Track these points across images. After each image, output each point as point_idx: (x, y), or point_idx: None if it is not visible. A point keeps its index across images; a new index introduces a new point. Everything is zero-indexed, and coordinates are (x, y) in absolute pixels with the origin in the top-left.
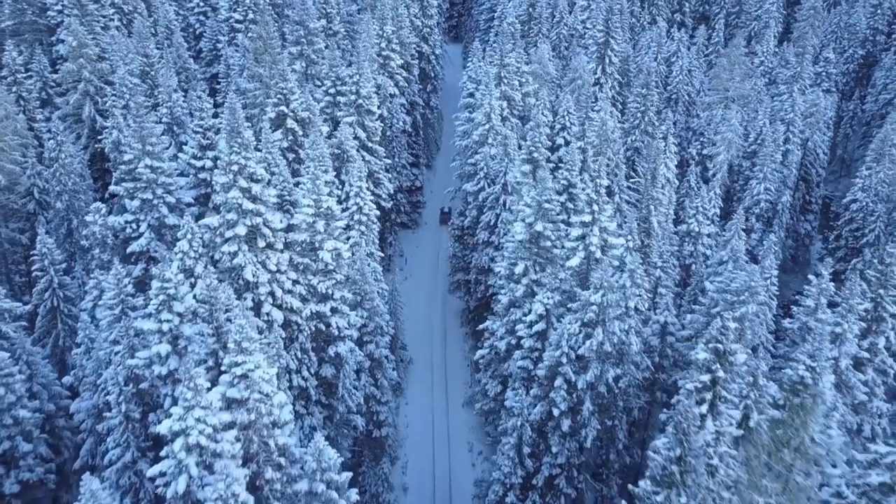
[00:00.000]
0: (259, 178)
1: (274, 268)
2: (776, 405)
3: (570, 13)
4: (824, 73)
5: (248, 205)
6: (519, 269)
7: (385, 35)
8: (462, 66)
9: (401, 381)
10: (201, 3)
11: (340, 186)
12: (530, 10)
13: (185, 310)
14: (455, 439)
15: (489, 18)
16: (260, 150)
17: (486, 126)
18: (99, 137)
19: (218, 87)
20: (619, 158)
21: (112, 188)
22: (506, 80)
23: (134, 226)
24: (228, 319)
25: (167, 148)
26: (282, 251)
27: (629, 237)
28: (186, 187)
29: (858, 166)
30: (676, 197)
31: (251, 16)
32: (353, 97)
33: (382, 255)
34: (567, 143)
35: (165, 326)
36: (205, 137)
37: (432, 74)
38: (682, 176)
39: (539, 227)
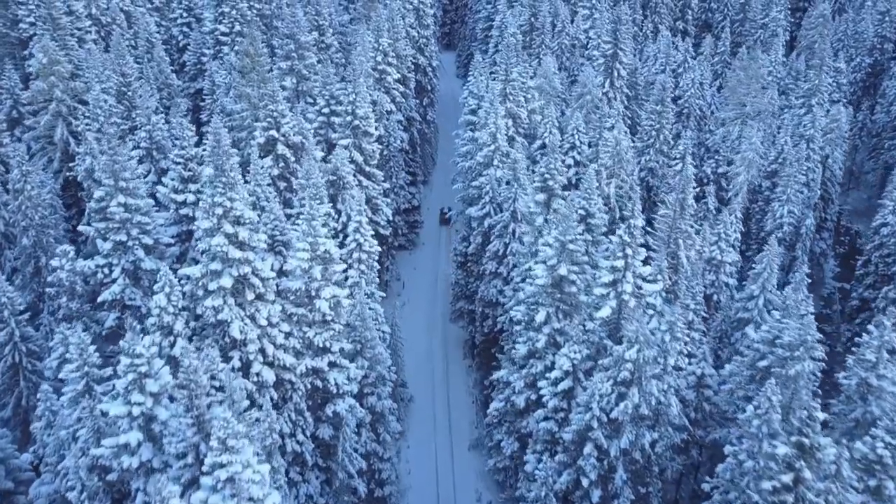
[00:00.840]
0: (247, 220)
1: (264, 321)
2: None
3: (572, 22)
4: (835, 84)
5: (234, 252)
6: (540, 316)
7: (381, 48)
8: (455, 75)
9: (401, 424)
10: (184, 14)
11: (336, 216)
12: (532, 19)
13: (160, 388)
14: (462, 487)
15: (486, 27)
16: (248, 182)
17: (492, 147)
18: (71, 164)
19: (202, 104)
20: (634, 180)
21: (82, 228)
22: (511, 97)
23: (106, 270)
24: (209, 405)
25: (146, 175)
26: (273, 302)
27: (659, 275)
28: (167, 223)
29: (868, 179)
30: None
31: (237, 28)
32: (348, 118)
33: (381, 284)
34: (577, 164)
35: (136, 410)
36: (186, 168)
37: (429, 87)
38: (697, 197)
39: (563, 270)
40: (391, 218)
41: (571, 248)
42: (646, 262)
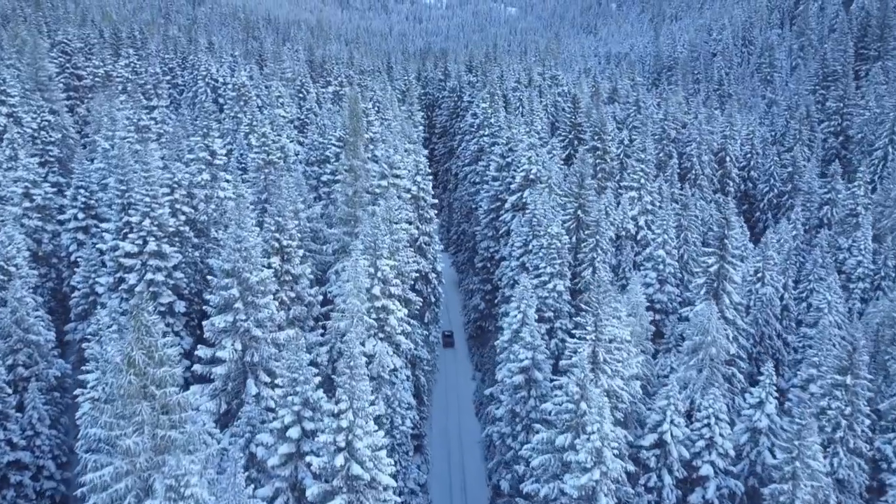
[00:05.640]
0: None
1: None
2: None
3: (617, 206)
4: None
5: None
6: None
7: (380, 275)
8: (440, 250)
9: None
10: (80, 215)
11: None
12: (580, 213)
13: None
14: None
15: (494, 208)
16: None
17: (596, 474)
18: None
19: (86, 366)
20: (828, 494)
21: None
22: (605, 365)
23: None
24: None
25: None
26: None
27: None
28: None
29: None
30: None
31: (152, 246)
32: (340, 459)
33: None
34: (717, 473)
35: None
36: None
37: (432, 299)
38: None
39: None
40: None
41: None
42: None
